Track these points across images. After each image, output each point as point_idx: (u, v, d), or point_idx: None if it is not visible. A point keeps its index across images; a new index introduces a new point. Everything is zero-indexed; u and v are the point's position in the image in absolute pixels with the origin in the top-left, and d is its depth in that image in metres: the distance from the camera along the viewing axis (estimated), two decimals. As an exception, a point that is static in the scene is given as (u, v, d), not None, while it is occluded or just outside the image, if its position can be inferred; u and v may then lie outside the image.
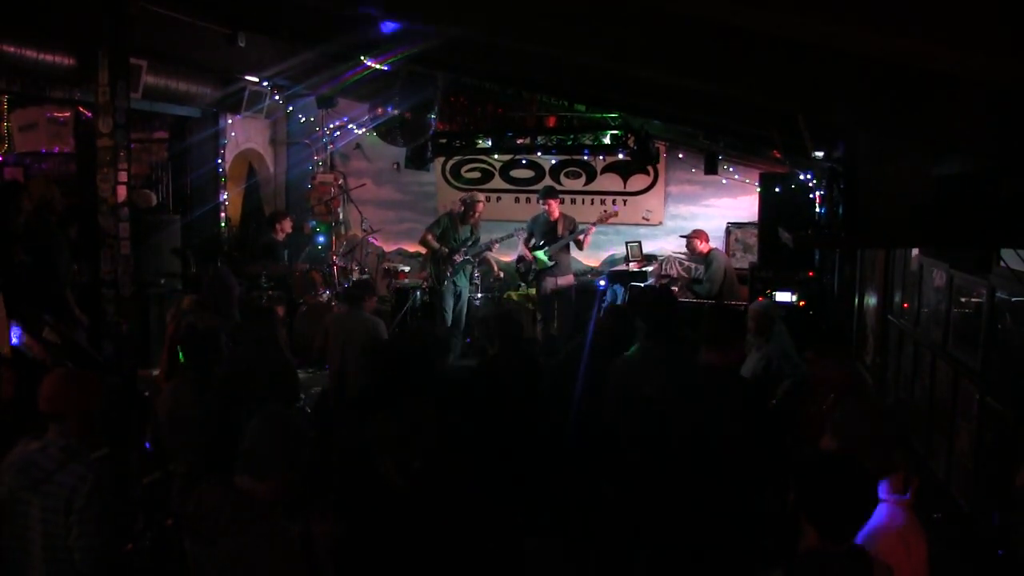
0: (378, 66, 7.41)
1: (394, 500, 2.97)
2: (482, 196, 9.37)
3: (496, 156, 10.23)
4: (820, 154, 4.53)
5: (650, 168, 9.87)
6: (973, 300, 4.35)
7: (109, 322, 6.16)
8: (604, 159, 10.08)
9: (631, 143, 8.67)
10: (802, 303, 7.39)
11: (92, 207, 6.24)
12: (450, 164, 10.73)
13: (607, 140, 8.94)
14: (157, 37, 6.97)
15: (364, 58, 7.21)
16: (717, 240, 9.16)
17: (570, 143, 9.22)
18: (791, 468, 2.58)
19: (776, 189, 7.74)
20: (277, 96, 9.94)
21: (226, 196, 9.98)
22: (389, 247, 10.99)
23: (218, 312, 5.22)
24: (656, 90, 5.07)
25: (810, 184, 7.00)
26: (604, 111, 9.22)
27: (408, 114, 8.10)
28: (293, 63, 8.13)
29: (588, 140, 9.10)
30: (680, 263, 9.11)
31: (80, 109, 8.31)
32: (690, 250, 8.70)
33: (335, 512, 3.00)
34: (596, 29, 2.86)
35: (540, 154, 9.74)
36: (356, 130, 10.64)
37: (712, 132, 8.19)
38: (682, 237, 8.93)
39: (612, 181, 10.30)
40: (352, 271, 9.64)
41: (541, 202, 9.08)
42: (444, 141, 9.37)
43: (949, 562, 3.71)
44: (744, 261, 9.06)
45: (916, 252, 5.39)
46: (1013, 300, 3.81)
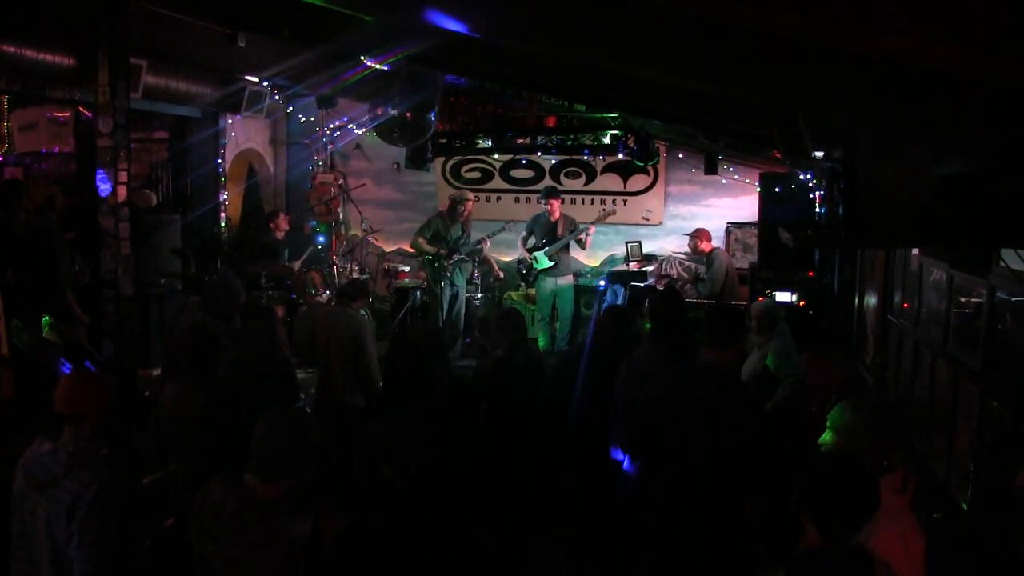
0: (378, 66, 7.41)
1: (394, 500, 2.97)
2: (471, 194, 9.37)
3: (496, 156, 10.23)
4: (820, 154, 4.52)
5: (650, 168, 9.87)
6: (973, 300, 4.35)
7: (110, 322, 6.17)
8: (604, 159, 10.07)
9: (631, 143, 8.67)
10: (802, 303, 7.39)
11: (92, 207, 6.25)
12: (450, 164, 10.74)
13: (607, 140, 8.96)
14: (157, 37, 6.97)
15: (364, 58, 7.21)
16: (717, 240, 9.15)
17: (570, 143, 9.23)
18: (792, 468, 2.59)
19: (776, 189, 7.75)
20: (277, 96, 9.94)
21: (226, 196, 9.98)
22: (389, 247, 10.99)
23: (219, 313, 5.22)
24: (656, 90, 5.07)
25: (810, 184, 6.99)
26: (604, 111, 9.22)
27: (408, 114, 8.08)
28: (293, 63, 8.14)
29: (588, 140, 9.12)
30: (680, 263, 9.12)
31: (80, 109, 8.30)
32: (692, 249, 8.69)
33: (342, 511, 3.00)
34: (596, 29, 2.85)
35: (540, 154, 9.75)
36: (356, 130, 10.64)
37: (712, 132, 8.19)
38: (685, 236, 8.94)
39: (612, 181, 10.30)
40: (352, 271, 9.63)
41: (543, 202, 9.07)
42: (444, 141, 9.38)
43: (949, 562, 3.71)
44: (744, 261, 9.06)
45: (916, 252, 5.38)
46: (1013, 300, 3.80)
